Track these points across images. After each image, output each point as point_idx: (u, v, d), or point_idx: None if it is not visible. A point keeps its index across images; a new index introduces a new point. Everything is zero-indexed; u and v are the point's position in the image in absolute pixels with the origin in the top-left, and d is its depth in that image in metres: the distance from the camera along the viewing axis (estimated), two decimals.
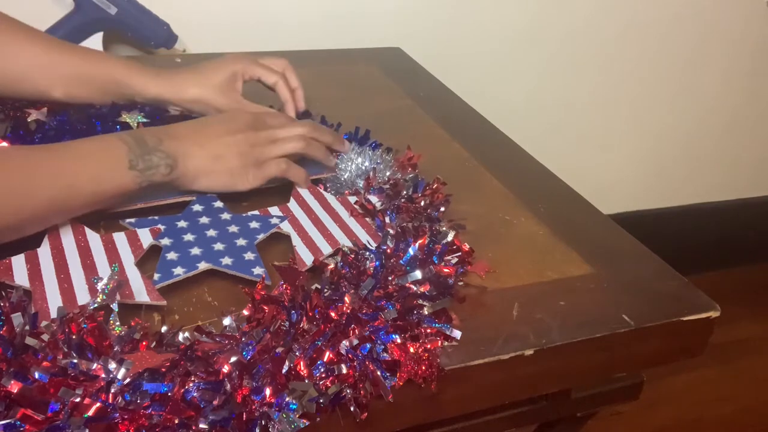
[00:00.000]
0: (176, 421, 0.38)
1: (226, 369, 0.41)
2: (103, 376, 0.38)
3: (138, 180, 0.55)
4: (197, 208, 0.60)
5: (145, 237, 0.55)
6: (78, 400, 0.37)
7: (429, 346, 0.46)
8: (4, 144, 0.62)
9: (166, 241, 0.55)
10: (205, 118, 0.64)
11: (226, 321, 0.45)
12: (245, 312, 0.46)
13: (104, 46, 0.93)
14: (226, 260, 0.54)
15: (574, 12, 1.27)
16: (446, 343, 0.48)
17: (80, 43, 0.91)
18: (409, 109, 0.89)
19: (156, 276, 0.51)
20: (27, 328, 0.41)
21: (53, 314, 0.45)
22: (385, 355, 0.45)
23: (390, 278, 0.49)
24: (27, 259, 0.51)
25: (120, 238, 0.55)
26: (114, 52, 0.98)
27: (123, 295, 0.48)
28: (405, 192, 0.62)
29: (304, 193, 0.64)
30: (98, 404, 0.37)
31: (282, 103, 0.75)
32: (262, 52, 1.02)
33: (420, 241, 0.53)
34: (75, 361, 0.39)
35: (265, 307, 0.46)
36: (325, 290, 0.49)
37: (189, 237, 0.56)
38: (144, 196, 0.59)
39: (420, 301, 0.48)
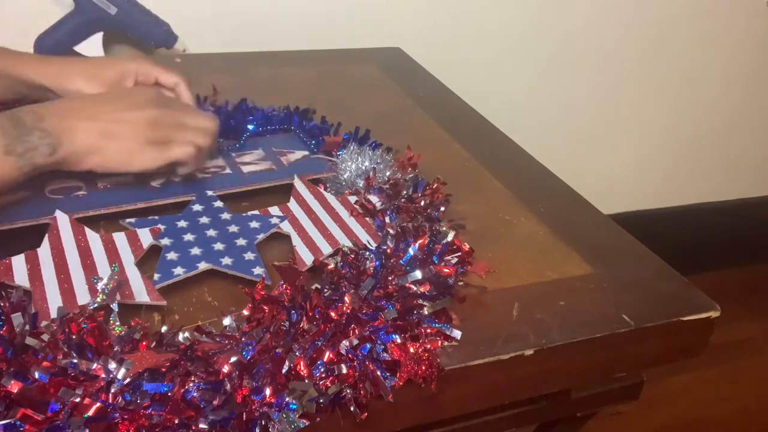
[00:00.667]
0: (176, 421, 0.38)
1: (226, 369, 0.41)
2: (103, 376, 0.38)
3: (18, 165, 0.51)
4: (197, 208, 0.60)
5: (145, 237, 0.55)
6: (78, 400, 0.37)
7: (429, 346, 0.46)
8: None
9: (166, 241, 0.55)
10: (104, 92, 0.60)
11: (226, 321, 0.45)
12: (245, 312, 0.46)
13: (104, 46, 0.93)
14: (226, 260, 0.54)
15: (574, 12, 1.27)
16: (446, 343, 0.48)
17: (80, 43, 0.91)
18: (409, 109, 0.89)
19: (156, 276, 0.51)
20: (27, 328, 0.41)
21: (53, 314, 0.45)
22: (385, 355, 0.45)
23: (390, 278, 0.49)
24: (27, 259, 0.51)
25: (120, 238, 0.55)
26: (114, 52, 0.98)
27: (123, 295, 0.48)
28: (405, 192, 0.62)
29: (304, 193, 0.64)
30: (98, 404, 0.37)
31: None
32: (262, 52, 1.03)
33: (420, 241, 0.53)
34: (75, 361, 0.39)
35: (265, 307, 0.46)
36: (325, 290, 0.49)
37: (189, 237, 0.56)
38: (33, 181, 0.55)
39: (420, 301, 0.48)
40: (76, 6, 0.89)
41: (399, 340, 0.46)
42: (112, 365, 0.39)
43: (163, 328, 0.44)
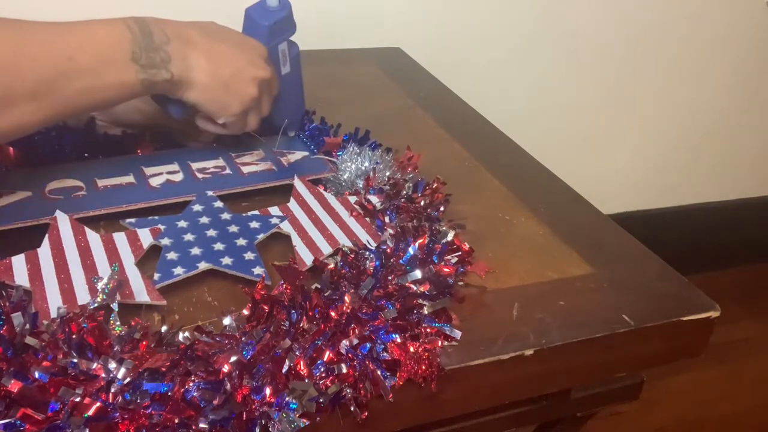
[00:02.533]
0: (176, 421, 0.38)
1: (226, 369, 0.41)
2: (103, 375, 0.38)
3: (140, 76, 0.52)
4: (197, 208, 0.60)
5: (145, 237, 0.55)
6: (78, 399, 0.37)
7: (429, 345, 0.46)
8: None
9: (166, 241, 0.55)
10: (226, 33, 0.60)
11: (226, 321, 0.45)
12: (245, 312, 0.46)
13: None
14: (226, 260, 0.54)
15: (574, 12, 1.27)
16: (446, 343, 0.48)
17: None
18: (409, 109, 0.89)
19: (156, 276, 0.51)
20: (27, 327, 0.41)
21: (53, 314, 0.45)
22: (385, 354, 0.45)
23: (390, 278, 0.49)
24: (27, 259, 0.51)
25: (120, 238, 0.55)
26: None
27: (123, 294, 0.48)
28: (405, 192, 0.62)
29: (304, 193, 0.64)
30: (98, 404, 0.37)
31: None
32: None
33: (420, 241, 0.53)
34: (75, 360, 0.39)
35: (265, 307, 0.46)
36: (325, 290, 0.49)
37: (189, 237, 0.56)
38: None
39: (420, 301, 0.48)
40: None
41: (399, 340, 0.46)
42: (112, 365, 0.39)
43: (163, 328, 0.44)
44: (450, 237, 0.55)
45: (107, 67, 0.50)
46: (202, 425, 0.38)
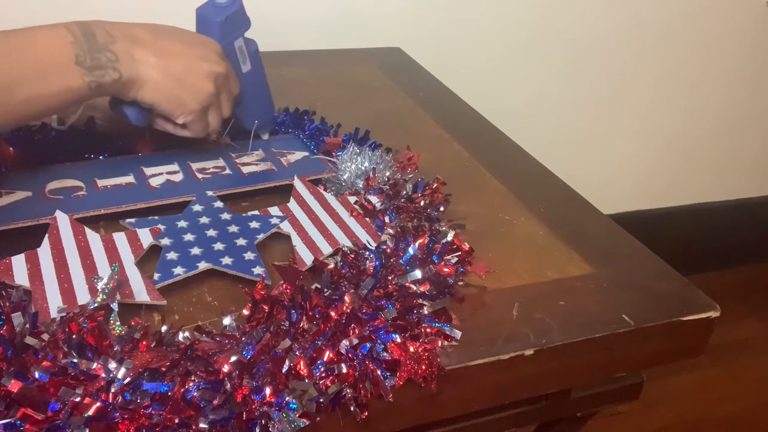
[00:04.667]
0: (176, 421, 0.38)
1: (226, 369, 0.41)
2: (103, 375, 0.38)
3: (86, 79, 0.50)
4: (197, 208, 0.60)
5: (145, 237, 0.55)
6: (78, 399, 0.37)
7: (429, 345, 0.46)
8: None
9: (166, 241, 0.55)
10: (177, 32, 0.58)
11: (226, 321, 0.45)
12: (245, 312, 0.46)
13: None
14: (226, 260, 0.54)
15: (573, 12, 1.27)
16: (446, 343, 0.48)
17: None
18: (409, 109, 0.89)
19: (156, 276, 0.51)
20: (27, 327, 0.41)
21: (53, 314, 0.45)
22: (385, 354, 0.45)
23: (390, 278, 0.49)
24: (27, 259, 0.51)
25: (120, 238, 0.55)
26: None
27: (123, 294, 0.48)
28: (405, 192, 0.62)
29: (304, 193, 0.64)
30: (98, 404, 0.37)
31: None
32: (262, 52, 1.03)
33: (420, 241, 0.53)
34: (75, 360, 0.39)
35: (265, 307, 0.46)
36: (325, 290, 0.49)
37: (189, 237, 0.56)
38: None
39: (420, 301, 0.48)
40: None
41: (399, 340, 0.46)
42: (112, 365, 0.39)
43: (163, 328, 0.44)
44: (450, 237, 0.55)
45: (50, 74, 0.49)
46: (202, 425, 0.38)
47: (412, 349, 0.46)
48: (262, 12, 1.06)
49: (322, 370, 0.43)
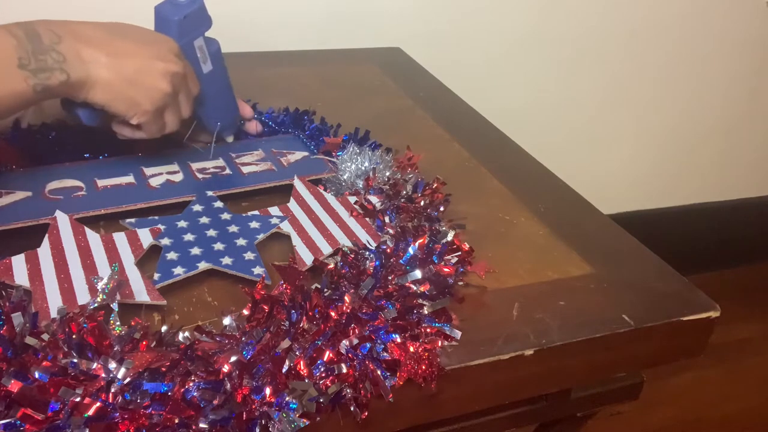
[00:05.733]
0: (176, 421, 0.38)
1: (226, 368, 0.41)
2: (103, 375, 0.38)
3: (31, 82, 0.48)
4: (197, 208, 0.60)
5: (145, 237, 0.55)
6: (78, 399, 0.37)
7: (429, 345, 0.46)
8: None
9: (166, 241, 0.55)
10: (128, 29, 0.56)
11: (226, 321, 0.45)
12: (245, 312, 0.46)
13: None
14: (226, 260, 0.54)
15: (573, 12, 1.27)
16: (446, 343, 0.48)
17: None
18: (409, 109, 0.89)
19: (156, 276, 0.51)
20: (27, 327, 0.41)
21: (53, 314, 0.45)
22: (385, 354, 0.45)
23: (390, 278, 0.49)
24: (27, 259, 0.51)
25: (120, 238, 0.55)
26: None
27: (123, 294, 0.48)
28: (405, 192, 0.62)
29: (304, 193, 0.64)
30: (98, 404, 0.37)
31: None
32: (262, 52, 1.03)
33: (420, 241, 0.53)
34: (75, 360, 0.39)
35: (265, 307, 0.46)
36: (325, 290, 0.49)
37: (189, 237, 0.56)
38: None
39: (420, 301, 0.48)
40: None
41: (399, 340, 0.46)
42: (112, 365, 0.39)
43: (163, 328, 0.44)
44: (450, 237, 0.55)
45: None
46: (202, 425, 0.38)
47: (412, 349, 0.46)
48: (263, 13, 1.06)
49: (322, 370, 0.43)
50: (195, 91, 0.62)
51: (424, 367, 0.46)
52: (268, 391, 0.41)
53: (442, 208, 0.61)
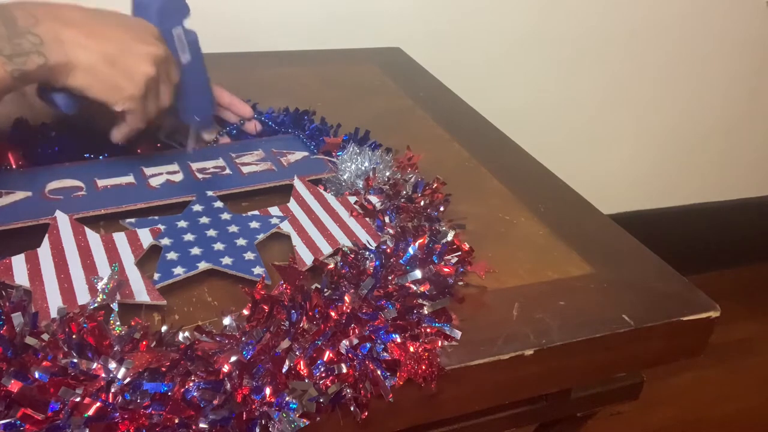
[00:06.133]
0: (176, 421, 0.38)
1: (226, 368, 0.41)
2: (103, 375, 0.38)
3: (8, 68, 0.46)
4: (197, 208, 0.60)
5: (145, 237, 0.55)
6: (78, 399, 0.37)
7: (429, 345, 0.46)
8: None
9: (166, 241, 0.55)
10: (107, 13, 0.54)
11: (226, 321, 0.45)
12: (245, 312, 0.46)
13: None
14: (226, 260, 0.54)
15: (574, 12, 1.27)
16: (446, 343, 0.48)
17: None
18: (409, 109, 0.89)
19: (156, 276, 0.51)
20: (27, 327, 0.41)
21: (53, 314, 0.45)
22: (385, 354, 0.45)
23: (390, 278, 0.49)
24: (27, 259, 0.51)
25: (120, 238, 0.55)
26: None
27: (123, 294, 0.48)
28: (405, 192, 0.62)
29: (304, 193, 0.64)
30: (98, 404, 0.37)
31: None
32: (262, 52, 1.03)
33: (420, 241, 0.53)
34: (75, 360, 0.39)
35: (265, 307, 0.46)
36: (325, 290, 0.49)
37: (189, 237, 0.56)
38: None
39: (420, 301, 0.48)
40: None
41: (399, 340, 0.46)
42: (112, 365, 0.39)
43: (163, 328, 0.44)
44: (450, 237, 0.55)
45: None
46: (202, 425, 0.38)
47: (412, 349, 0.46)
48: (263, 13, 1.06)
49: (322, 370, 0.43)
50: (175, 79, 0.59)
51: (424, 367, 0.46)
52: (268, 391, 0.41)
53: (442, 208, 0.61)
